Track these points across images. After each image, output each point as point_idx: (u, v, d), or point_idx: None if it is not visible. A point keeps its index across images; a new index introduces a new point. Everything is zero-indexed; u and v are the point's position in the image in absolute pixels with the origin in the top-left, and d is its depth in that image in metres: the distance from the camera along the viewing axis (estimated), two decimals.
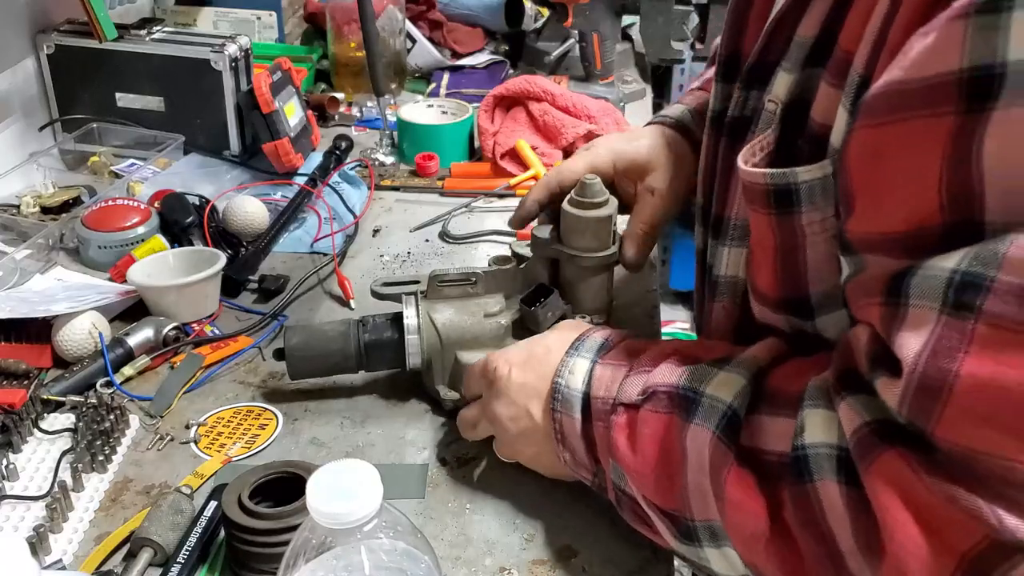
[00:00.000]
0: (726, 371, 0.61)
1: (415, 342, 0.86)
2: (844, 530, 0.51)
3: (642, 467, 0.63)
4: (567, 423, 0.69)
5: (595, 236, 0.86)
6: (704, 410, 0.59)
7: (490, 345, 0.87)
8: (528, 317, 0.85)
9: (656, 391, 0.63)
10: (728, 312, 0.70)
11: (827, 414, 0.53)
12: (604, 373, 0.68)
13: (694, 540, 0.61)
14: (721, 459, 0.57)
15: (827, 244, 0.57)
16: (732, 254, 0.68)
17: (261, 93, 1.24)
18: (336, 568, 0.53)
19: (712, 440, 0.58)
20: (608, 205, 0.86)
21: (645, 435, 0.63)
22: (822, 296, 0.60)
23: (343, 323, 0.89)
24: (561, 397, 0.69)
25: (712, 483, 0.58)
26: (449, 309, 0.87)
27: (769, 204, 0.58)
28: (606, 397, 0.66)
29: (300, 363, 0.87)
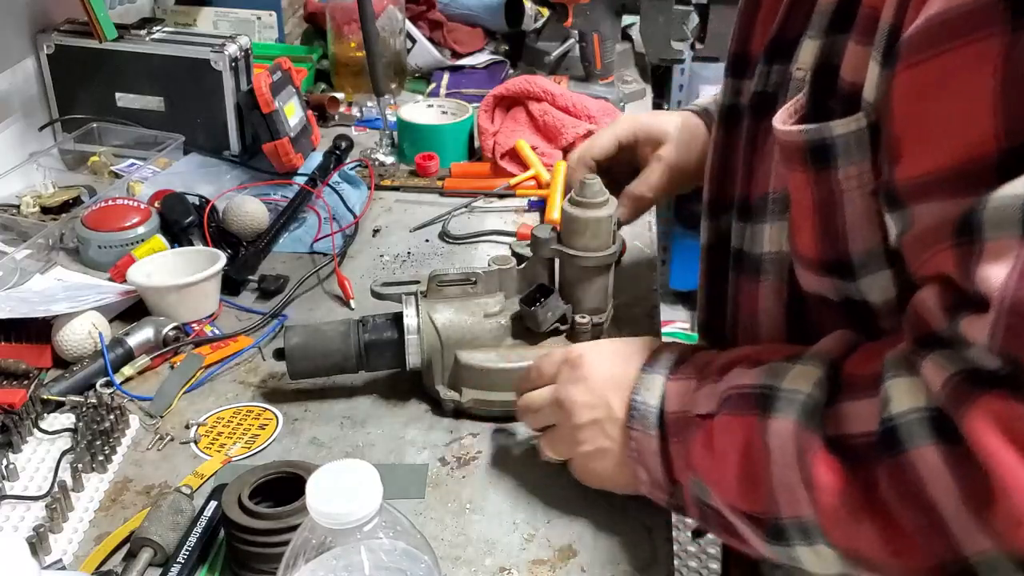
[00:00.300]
0: (800, 364, 0.60)
1: (415, 342, 0.86)
2: (947, 492, 0.49)
3: (724, 474, 0.61)
4: (644, 440, 0.68)
5: (595, 236, 0.86)
6: (783, 403, 0.58)
7: (490, 345, 0.87)
8: (528, 317, 0.85)
9: (731, 395, 0.62)
10: (777, 290, 0.68)
11: (910, 380, 0.52)
12: (675, 388, 0.67)
13: (784, 540, 0.59)
14: (807, 446, 0.56)
15: (864, 201, 0.57)
16: (774, 229, 0.67)
17: (261, 93, 1.24)
18: (336, 568, 0.53)
19: (795, 429, 0.57)
20: (607, 205, 0.86)
21: (724, 440, 0.61)
22: (863, 255, 0.59)
23: (343, 323, 0.89)
24: (638, 414, 0.68)
25: (800, 473, 0.56)
26: (449, 309, 0.87)
27: (806, 161, 0.59)
28: (679, 411, 0.66)
29: (300, 363, 0.87)
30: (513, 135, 1.34)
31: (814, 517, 0.56)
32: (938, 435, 0.50)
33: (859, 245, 0.59)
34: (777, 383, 0.60)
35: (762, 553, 0.62)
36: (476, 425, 0.87)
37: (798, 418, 0.57)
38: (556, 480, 0.80)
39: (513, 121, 1.36)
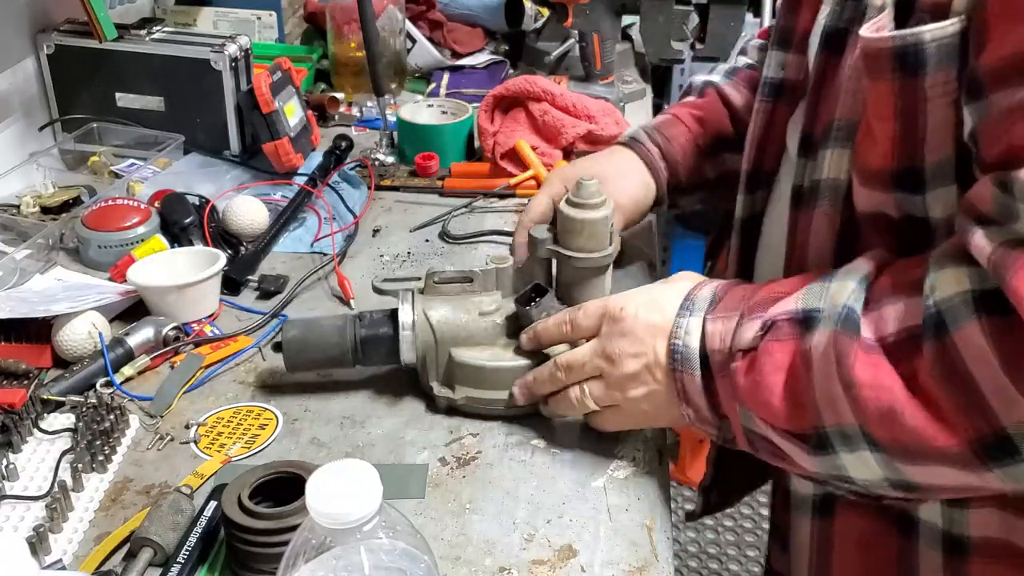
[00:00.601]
0: (836, 281, 0.63)
1: (409, 338, 0.86)
2: (987, 365, 0.52)
3: (769, 397, 0.63)
4: (688, 381, 0.70)
5: (591, 237, 0.86)
6: (823, 319, 0.61)
7: (484, 343, 0.87)
8: (522, 316, 0.85)
9: (775, 321, 0.65)
10: (830, 219, 0.70)
11: (955, 270, 0.56)
12: (716, 327, 0.69)
13: (828, 449, 0.61)
14: (845, 349, 0.59)
15: (945, 111, 0.58)
16: (835, 156, 0.68)
17: (261, 93, 1.24)
18: (336, 568, 0.53)
19: (832, 336, 0.60)
20: (604, 206, 0.86)
21: (768, 365, 0.64)
22: (936, 167, 0.60)
23: (341, 318, 0.89)
24: (680, 357, 0.70)
25: (840, 376, 0.59)
26: (445, 306, 0.88)
27: (893, 68, 0.59)
28: (722, 349, 0.68)
29: (297, 356, 0.88)
30: (513, 135, 1.34)
31: (854, 420, 0.58)
32: (983, 310, 0.53)
33: (934, 155, 0.60)
34: (816, 304, 0.63)
35: (808, 470, 0.64)
36: (476, 425, 0.87)
37: (835, 327, 0.60)
38: (556, 480, 0.80)
39: (513, 121, 1.36)
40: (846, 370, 0.58)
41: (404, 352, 0.87)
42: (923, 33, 0.57)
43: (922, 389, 0.56)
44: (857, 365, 0.58)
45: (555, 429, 0.86)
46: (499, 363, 0.85)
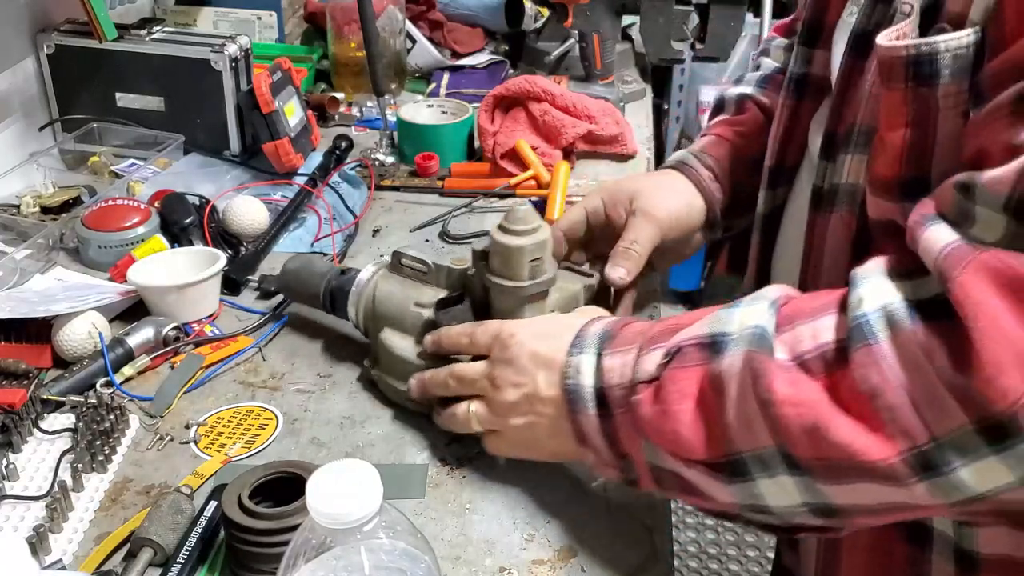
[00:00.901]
0: (744, 307, 0.61)
1: (354, 297, 0.92)
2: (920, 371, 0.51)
3: (676, 427, 0.60)
4: (585, 421, 0.67)
5: (505, 264, 0.80)
6: (733, 342, 0.59)
7: (410, 333, 0.87)
8: (437, 319, 0.85)
9: (682, 347, 0.62)
10: (846, 223, 0.69)
11: (884, 282, 0.55)
12: (613, 362, 0.66)
13: (745, 475, 0.58)
14: (760, 367, 0.56)
15: (956, 120, 0.58)
16: (854, 160, 0.68)
17: (261, 93, 1.24)
18: (336, 568, 0.53)
19: (745, 356, 0.57)
20: (526, 235, 0.79)
21: (674, 394, 0.61)
22: (943, 177, 0.59)
23: (330, 266, 0.98)
24: (574, 397, 0.68)
25: (757, 394, 0.56)
26: (394, 285, 0.90)
27: (907, 77, 0.59)
28: (621, 383, 0.65)
29: (287, 286, 1.00)
30: (513, 135, 1.34)
31: (772, 442, 0.56)
32: (917, 316, 0.52)
33: (942, 166, 0.60)
34: (724, 328, 0.60)
35: (723, 501, 0.61)
36: None
37: (747, 347, 0.57)
38: (556, 480, 0.80)
39: (513, 121, 1.36)
40: (763, 388, 0.56)
41: (349, 308, 0.92)
42: (938, 43, 0.57)
43: (848, 402, 0.53)
44: (776, 382, 0.55)
45: None
46: (408, 355, 0.86)
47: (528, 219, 0.80)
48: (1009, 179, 0.50)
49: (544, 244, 0.80)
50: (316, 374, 0.94)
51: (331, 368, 0.95)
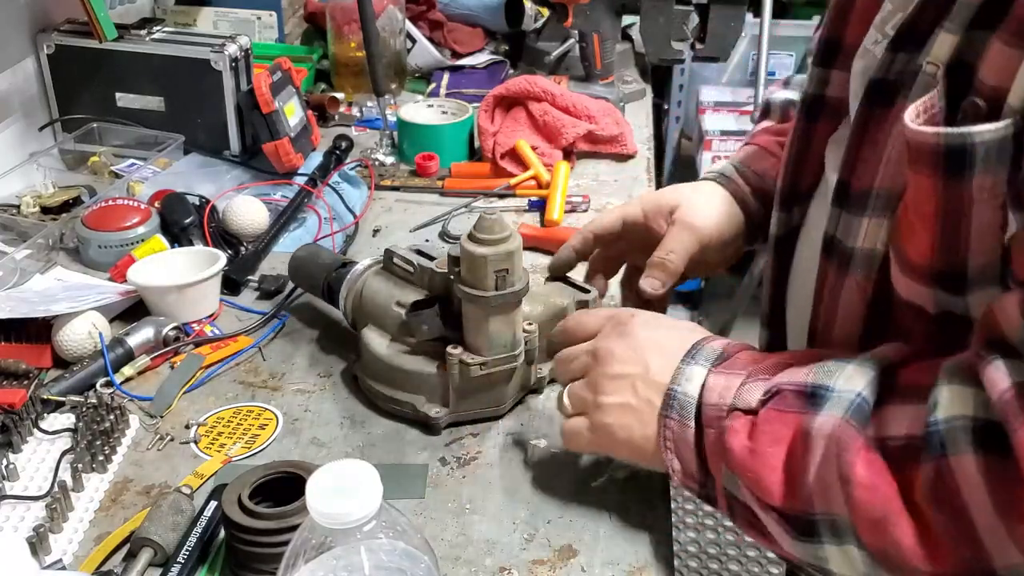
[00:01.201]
0: (855, 365, 0.60)
1: (345, 291, 0.94)
2: (982, 503, 0.50)
3: (762, 469, 0.60)
4: (679, 430, 0.67)
5: (469, 271, 0.80)
6: (833, 401, 0.58)
7: (389, 331, 0.88)
8: (407, 320, 0.85)
9: (782, 390, 0.62)
10: (862, 288, 0.66)
11: (963, 389, 0.53)
12: (718, 381, 0.66)
13: (814, 536, 0.58)
14: (850, 441, 0.56)
15: (993, 212, 0.54)
16: (871, 225, 0.64)
17: (261, 93, 1.24)
18: (336, 568, 0.53)
19: (840, 424, 0.57)
20: (489, 245, 0.79)
21: (767, 435, 0.61)
22: (980, 269, 0.57)
23: (335, 258, 1.00)
24: (677, 404, 0.67)
25: (839, 466, 0.56)
26: (383, 283, 0.91)
27: (937, 165, 0.55)
28: (720, 404, 0.65)
29: (295, 273, 1.02)
30: (513, 135, 1.34)
31: (847, 515, 0.56)
32: (981, 445, 0.50)
33: (979, 259, 0.57)
34: (829, 383, 0.60)
35: (786, 551, 0.62)
36: (476, 425, 0.87)
37: (844, 415, 0.57)
38: (556, 480, 0.80)
39: (513, 121, 1.36)
40: (846, 464, 0.56)
41: (340, 298, 0.94)
42: (972, 134, 0.53)
43: (917, 506, 0.53)
44: (858, 462, 0.55)
45: (555, 429, 0.86)
46: (385, 354, 0.87)
47: (495, 229, 0.79)
48: None
49: (512, 255, 0.80)
50: (316, 374, 0.94)
51: (331, 368, 0.95)
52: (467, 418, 0.86)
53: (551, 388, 0.92)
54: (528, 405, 0.90)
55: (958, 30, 0.56)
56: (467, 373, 0.83)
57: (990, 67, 0.54)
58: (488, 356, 0.83)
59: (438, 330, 0.84)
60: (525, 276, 0.83)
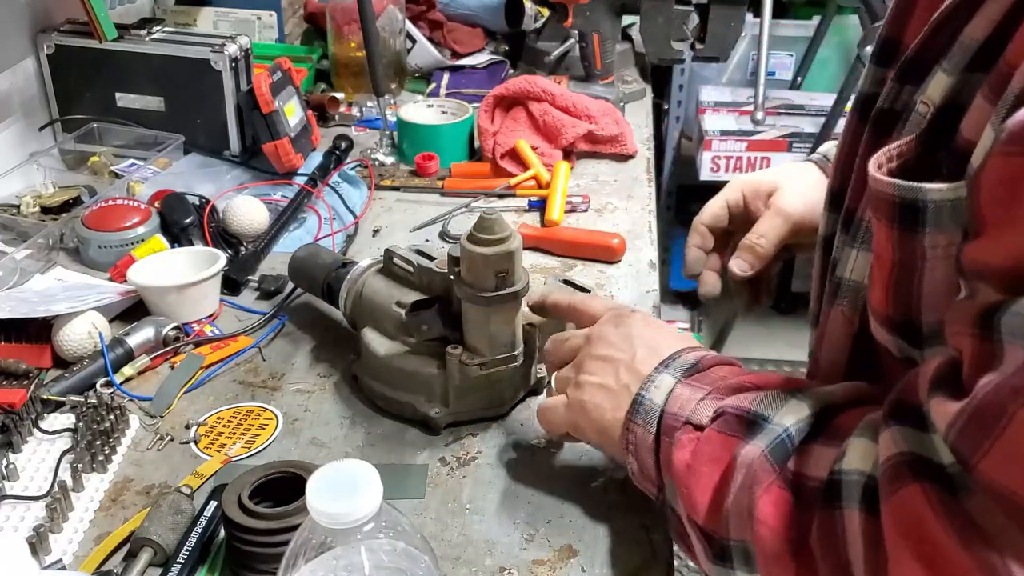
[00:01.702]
0: (797, 399, 0.61)
1: (345, 290, 0.94)
2: (859, 559, 0.50)
3: (694, 485, 0.62)
4: (642, 435, 0.68)
5: (469, 270, 0.80)
6: (764, 432, 0.59)
7: (388, 332, 0.88)
8: (406, 320, 0.85)
9: (726, 412, 0.63)
10: (847, 319, 0.66)
11: (870, 444, 0.53)
12: (683, 392, 0.67)
13: (727, 561, 0.60)
14: (763, 476, 0.57)
15: (947, 270, 0.53)
16: (860, 258, 0.63)
17: (261, 93, 1.24)
18: (336, 568, 0.53)
19: (759, 457, 0.58)
20: (492, 246, 0.79)
21: (705, 454, 0.62)
22: (934, 325, 0.56)
23: (335, 259, 1.00)
24: (643, 410, 0.68)
25: (748, 499, 0.57)
26: (382, 283, 0.91)
27: (893, 218, 0.55)
28: (678, 414, 0.66)
29: (295, 273, 1.02)
30: (513, 135, 1.34)
31: (756, 549, 0.57)
32: (867, 504, 0.50)
33: (932, 315, 0.56)
34: (768, 413, 0.60)
35: (705, 569, 0.63)
36: (476, 425, 0.87)
37: (765, 447, 0.58)
38: (556, 480, 0.80)
39: (513, 121, 1.36)
40: (753, 499, 0.57)
41: (340, 299, 0.95)
42: (928, 191, 0.52)
43: (809, 552, 0.54)
44: (765, 498, 0.56)
45: None
46: (382, 353, 0.87)
47: (495, 229, 0.79)
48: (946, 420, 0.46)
49: (512, 255, 0.80)
50: (316, 374, 0.94)
51: (331, 368, 0.95)
52: (467, 418, 0.87)
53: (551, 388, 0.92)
54: (528, 405, 0.90)
55: (954, 71, 0.55)
56: (467, 373, 0.83)
57: (969, 120, 0.52)
58: (488, 356, 0.83)
59: (438, 330, 0.84)
60: (525, 276, 0.83)
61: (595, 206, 1.27)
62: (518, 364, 0.85)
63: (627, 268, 1.13)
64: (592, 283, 0.98)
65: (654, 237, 1.21)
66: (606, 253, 1.14)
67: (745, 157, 2.41)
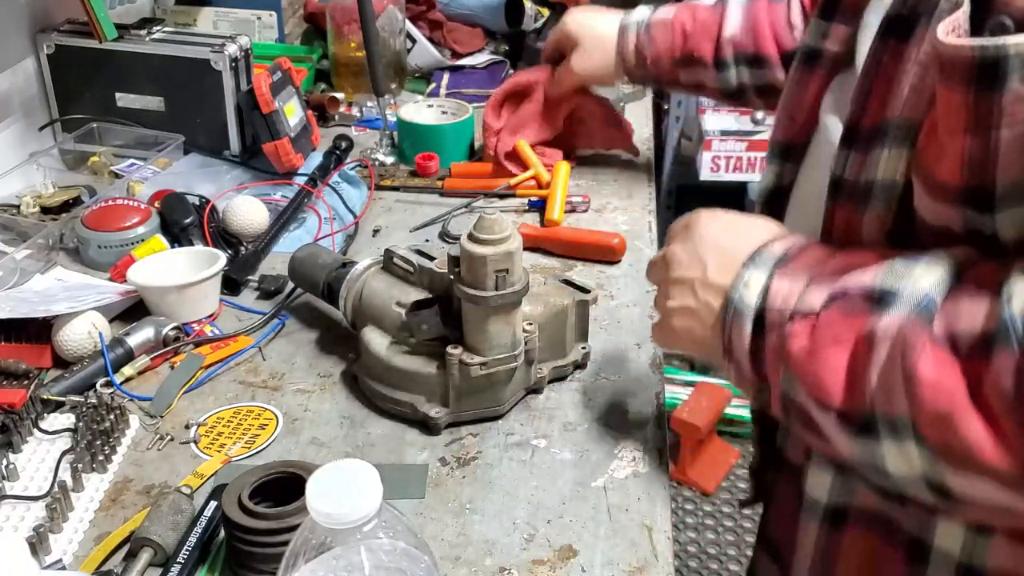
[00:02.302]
0: (923, 265, 0.59)
1: (345, 291, 0.94)
2: None
3: (821, 370, 0.60)
4: (736, 336, 0.67)
5: (469, 270, 0.81)
6: (900, 303, 0.58)
7: (389, 331, 0.88)
8: (407, 320, 0.85)
9: (847, 292, 0.61)
10: (882, 221, 0.66)
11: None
12: (781, 286, 0.65)
13: (872, 433, 0.58)
14: (915, 340, 0.56)
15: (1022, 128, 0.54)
16: (891, 156, 0.64)
17: (261, 93, 1.24)
18: (336, 568, 0.53)
19: (906, 324, 0.57)
20: (492, 245, 0.79)
21: (828, 337, 0.61)
22: (1008, 186, 0.57)
23: (335, 259, 0.99)
24: (734, 311, 0.67)
25: (904, 366, 0.56)
26: (383, 283, 0.91)
27: (970, 79, 0.54)
28: (783, 309, 0.64)
29: (294, 273, 1.02)
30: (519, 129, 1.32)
31: (908, 413, 0.56)
32: None
33: (1006, 175, 0.56)
34: (897, 285, 0.59)
35: (842, 451, 0.61)
36: (476, 425, 0.87)
37: (909, 313, 0.57)
38: (556, 480, 0.80)
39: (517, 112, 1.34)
40: (910, 363, 0.55)
41: (340, 299, 0.95)
42: (1008, 45, 0.52)
43: (985, 400, 0.53)
44: (922, 360, 0.55)
45: (555, 429, 0.86)
46: (382, 353, 0.87)
47: (495, 228, 0.79)
48: None
49: (512, 255, 0.80)
50: (316, 374, 0.94)
51: (331, 368, 0.95)
52: (467, 418, 0.87)
53: (551, 388, 0.92)
54: (528, 405, 0.90)
55: None
56: (467, 373, 0.83)
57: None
58: (488, 356, 0.83)
59: (438, 330, 0.84)
60: (525, 276, 0.83)
61: (595, 206, 1.27)
62: (518, 364, 0.85)
63: (627, 268, 1.13)
64: (592, 283, 0.98)
65: (654, 237, 1.21)
66: (606, 253, 1.14)
67: (745, 157, 2.41)
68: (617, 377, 0.94)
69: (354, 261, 0.97)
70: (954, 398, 0.54)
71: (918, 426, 0.55)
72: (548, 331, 0.89)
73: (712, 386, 2.27)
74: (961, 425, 0.53)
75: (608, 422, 0.87)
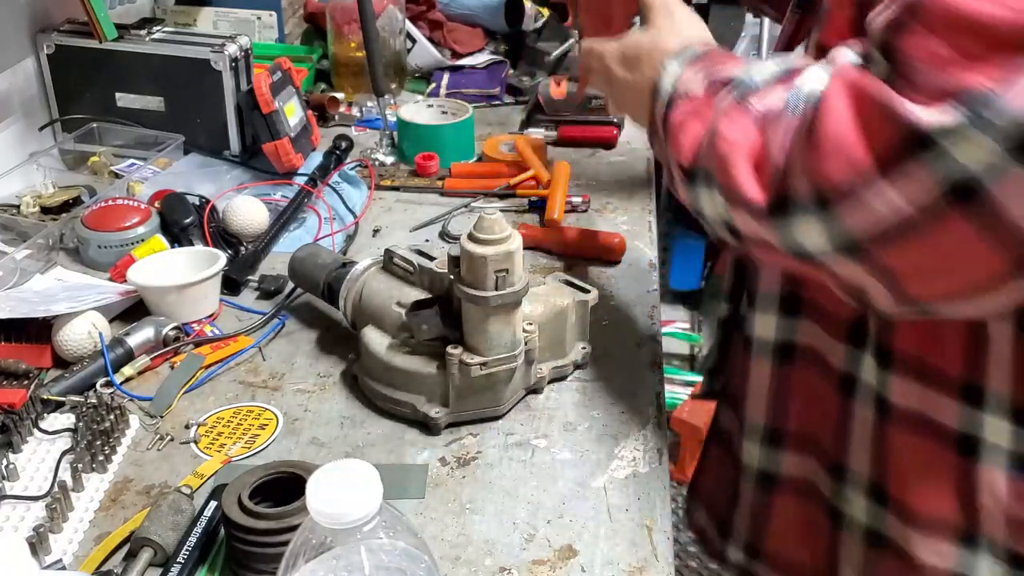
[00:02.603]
0: (770, 63, 0.70)
1: (345, 290, 0.94)
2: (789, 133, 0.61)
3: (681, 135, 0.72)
4: (657, 110, 0.76)
5: (469, 270, 0.81)
6: (738, 86, 0.69)
7: (389, 331, 0.88)
8: (407, 319, 0.85)
9: (715, 80, 0.72)
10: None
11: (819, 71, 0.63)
12: (687, 75, 0.76)
13: (695, 182, 0.70)
14: (729, 108, 0.67)
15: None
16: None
17: (261, 93, 1.24)
18: (336, 568, 0.53)
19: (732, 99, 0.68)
20: (492, 245, 0.79)
21: (694, 111, 0.72)
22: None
23: (335, 259, 1.00)
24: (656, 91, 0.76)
25: (714, 126, 0.67)
26: (383, 283, 0.91)
27: None
28: (679, 90, 0.75)
29: (294, 273, 1.02)
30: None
31: (713, 165, 0.67)
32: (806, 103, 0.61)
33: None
34: (742, 75, 0.69)
35: (684, 199, 0.73)
36: (476, 425, 0.87)
37: (739, 93, 0.68)
38: (556, 480, 0.80)
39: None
40: (717, 123, 0.67)
41: (340, 299, 0.95)
42: None
43: (759, 151, 0.64)
44: (725, 120, 0.67)
45: (555, 429, 0.86)
46: (383, 354, 0.87)
47: (495, 229, 0.80)
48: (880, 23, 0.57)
49: (512, 255, 0.80)
50: (316, 374, 0.94)
51: (331, 368, 0.95)
52: (467, 418, 0.86)
53: (551, 388, 0.92)
54: (528, 405, 0.90)
55: None
56: (467, 373, 0.83)
57: None
58: (488, 356, 0.83)
59: (438, 330, 0.84)
60: (525, 276, 0.83)
61: (595, 206, 1.27)
62: (518, 364, 0.85)
63: (627, 268, 1.13)
64: (592, 283, 0.98)
65: (654, 237, 1.21)
66: (606, 253, 1.15)
67: None
68: (617, 377, 0.94)
69: (354, 261, 0.97)
70: (734, 147, 0.66)
71: (714, 172, 0.67)
72: (548, 331, 0.89)
73: None
74: (734, 168, 0.65)
75: (608, 422, 0.87)
